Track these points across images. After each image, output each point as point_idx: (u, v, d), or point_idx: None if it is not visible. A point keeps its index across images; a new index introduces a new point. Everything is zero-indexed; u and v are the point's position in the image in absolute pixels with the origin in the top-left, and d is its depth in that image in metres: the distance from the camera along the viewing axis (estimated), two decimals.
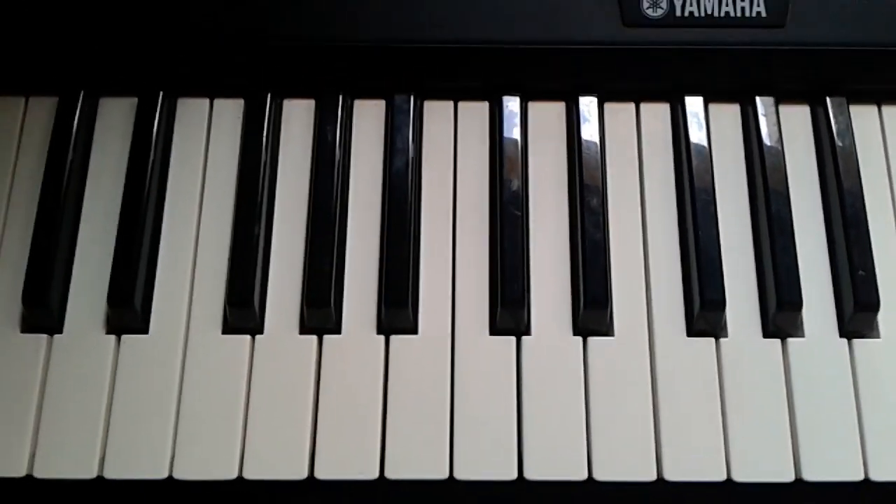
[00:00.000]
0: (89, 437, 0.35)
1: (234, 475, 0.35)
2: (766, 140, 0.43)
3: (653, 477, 0.36)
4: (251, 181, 0.40)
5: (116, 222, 0.39)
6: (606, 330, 0.39)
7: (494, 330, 0.39)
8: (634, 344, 0.39)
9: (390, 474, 0.35)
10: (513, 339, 0.39)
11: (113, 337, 0.37)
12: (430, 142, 0.43)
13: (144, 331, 0.37)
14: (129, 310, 0.36)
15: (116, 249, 0.37)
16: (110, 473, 0.34)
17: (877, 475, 0.37)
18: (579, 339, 0.39)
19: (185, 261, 0.39)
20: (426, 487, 0.36)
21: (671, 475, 0.36)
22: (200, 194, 0.40)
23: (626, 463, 0.36)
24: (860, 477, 0.37)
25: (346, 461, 0.35)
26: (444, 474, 0.36)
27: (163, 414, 0.35)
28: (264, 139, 0.41)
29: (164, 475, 0.34)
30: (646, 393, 0.38)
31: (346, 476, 0.35)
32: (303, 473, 0.35)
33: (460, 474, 0.36)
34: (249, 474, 0.35)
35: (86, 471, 0.34)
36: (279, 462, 0.35)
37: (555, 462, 0.36)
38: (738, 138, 0.45)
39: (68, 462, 0.35)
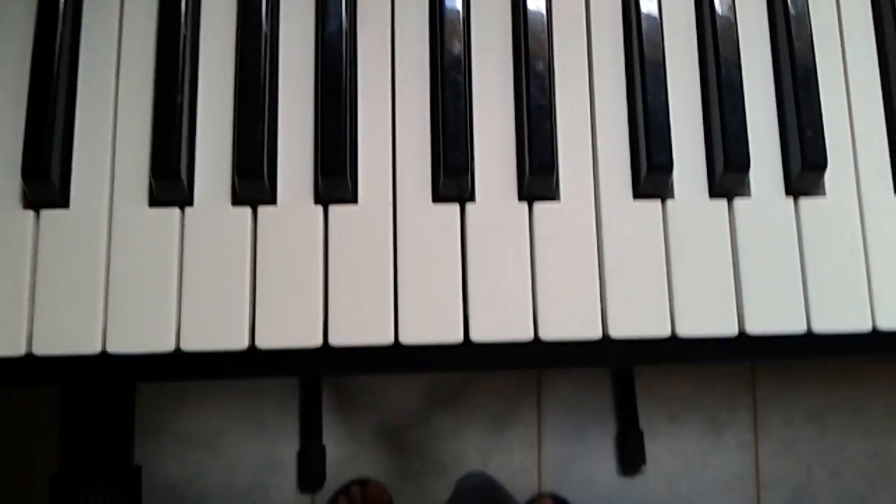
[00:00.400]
0: (14, 314, 0.33)
1: (171, 347, 0.34)
2: (718, 3, 0.42)
3: (598, 335, 0.36)
4: (170, 46, 0.37)
5: None
6: (552, 195, 0.39)
7: (437, 197, 0.38)
8: (581, 208, 0.38)
9: (334, 341, 0.35)
10: (456, 206, 0.38)
11: (31, 212, 0.35)
12: (365, 6, 0.41)
13: (65, 205, 0.35)
14: (45, 183, 0.34)
15: (27, 121, 0.35)
16: (39, 349, 0.33)
17: (819, 327, 0.38)
18: (525, 204, 0.38)
19: (105, 132, 0.36)
20: (371, 353, 0.35)
21: (616, 332, 0.36)
22: (117, 61, 0.38)
23: (572, 322, 0.36)
24: (803, 329, 0.38)
25: (289, 330, 0.35)
26: (390, 340, 0.35)
27: (91, 290, 0.34)
28: (183, 1, 0.38)
29: (97, 350, 0.33)
30: (592, 256, 0.38)
31: (290, 344, 0.34)
32: (243, 343, 0.34)
33: (406, 338, 0.35)
34: (187, 346, 0.34)
35: (14, 348, 0.33)
36: (219, 333, 0.34)
37: (501, 324, 0.36)
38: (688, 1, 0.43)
39: None
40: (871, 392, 1.24)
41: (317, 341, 0.35)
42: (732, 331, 0.37)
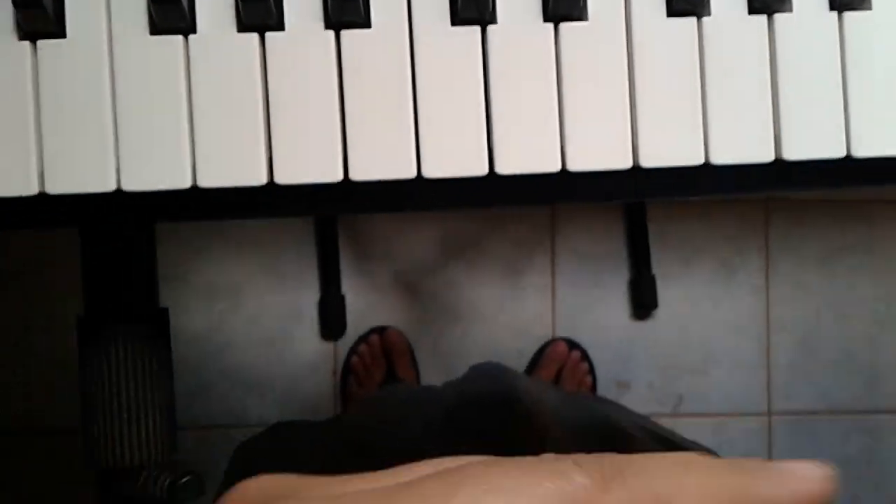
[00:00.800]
0: (22, 151, 0.32)
1: (187, 184, 0.33)
2: None
3: (629, 164, 0.35)
4: None
5: None
6: (580, 14, 0.36)
7: (456, 20, 0.35)
8: (611, 27, 0.36)
9: (355, 176, 0.34)
10: (477, 28, 0.35)
11: (27, 43, 0.33)
12: None
13: (61, 34, 0.33)
14: (37, 8, 0.31)
15: None
16: (53, 188, 0.32)
17: (860, 152, 0.36)
18: (550, 25, 0.36)
19: None
20: (393, 188, 0.34)
21: (648, 161, 0.35)
22: None
23: (601, 152, 0.35)
24: (842, 154, 0.36)
25: (308, 165, 0.33)
26: (412, 173, 0.34)
27: (100, 125, 0.32)
28: None
29: (112, 187, 0.32)
30: (622, 80, 0.35)
31: (309, 180, 0.33)
32: (261, 179, 0.33)
33: (429, 172, 0.34)
34: (204, 182, 0.33)
35: (26, 187, 0.32)
36: (236, 169, 0.33)
37: (527, 155, 0.35)
38: None
39: (4, 181, 0.32)
40: (884, 233, 1.23)
41: (337, 177, 0.34)
42: (769, 157, 0.35)
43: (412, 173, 0.34)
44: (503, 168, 0.34)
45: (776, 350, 1.22)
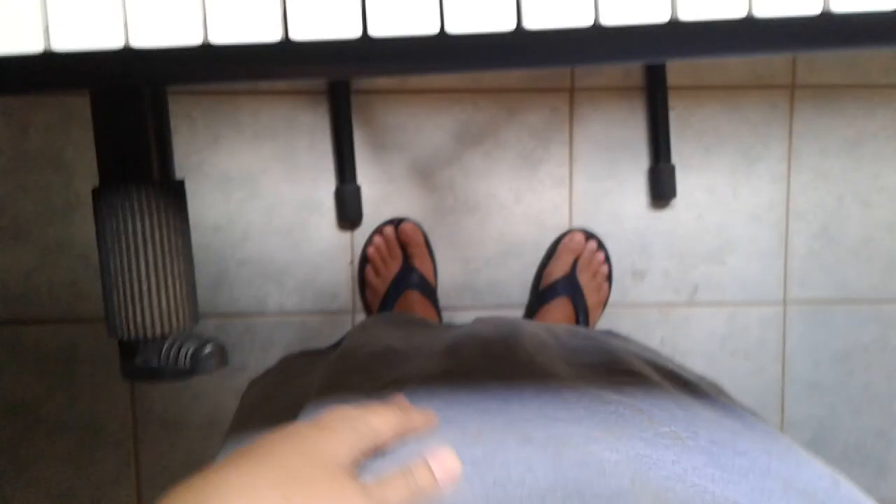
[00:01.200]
0: (25, 5, 0.30)
1: (198, 41, 0.31)
2: None
3: (666, 18, 0.33)
4: None
5: None
6: None
7: None
8: None
9: (374, 32, 0.32)
10: None
11: None
12: None
13: None
14: None
15: None
16: (59, 45, 0.31)
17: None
18: None
19: None
20: (415, 46, 0.32)
21: (686, 14, 0.33)
22: None
23: (635, 5, 0.32)
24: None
25: (326, 20, 0.32)
26: (435, 28, 0.32)
27: None
28: None
29: (121, 44, 0.31)
30: None
31: (327, 36, 0.32)
32: (276, 35, 0.31)
33: (453, 27, 0.32)
34: (215, 39, 0.31)
35: (31, 44, 0.30)
36: (249, 24, 0.31)
37: (558, 9, 0.32)
38: None
39: (6, 37, 0.31)
40: None
41: (356, 32, 0.32)
42: (815, 10, 0.33)
43: (435, 29, 0.32)
44: (531, 23, 0.32)
45: (794, 238, 1.21)
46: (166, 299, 0.38)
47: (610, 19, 0.33)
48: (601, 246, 1.18)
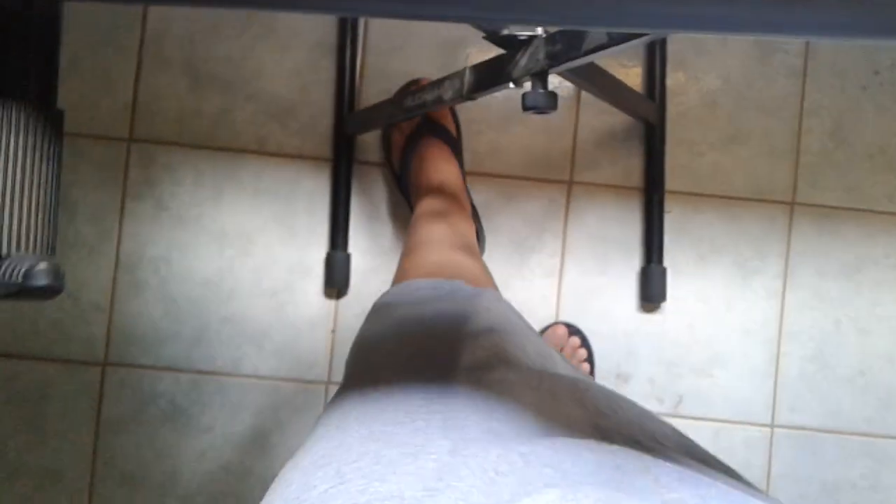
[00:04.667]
0: None
1: None
2: None
3: None
4: None
5: None
6: None
7: None
8: None
9: None
10: None
11: None
12: None
13: None
14: None
15: None
16: None
17: None
18: None
19: None
20: None
21: None
22: None
23: None
24: None
25: None
26: None
27: None
28: None
29: None
30: None
31: None
32: None
33: None
34: None
35: None
36: None
37: None
38: None
39: None
40: None
41: None
42: None
43: None
44: None
45: (786, 360, 1.18)
46: (18, 222, 0.38)
47: None
48: (585, 343, 1.16)
